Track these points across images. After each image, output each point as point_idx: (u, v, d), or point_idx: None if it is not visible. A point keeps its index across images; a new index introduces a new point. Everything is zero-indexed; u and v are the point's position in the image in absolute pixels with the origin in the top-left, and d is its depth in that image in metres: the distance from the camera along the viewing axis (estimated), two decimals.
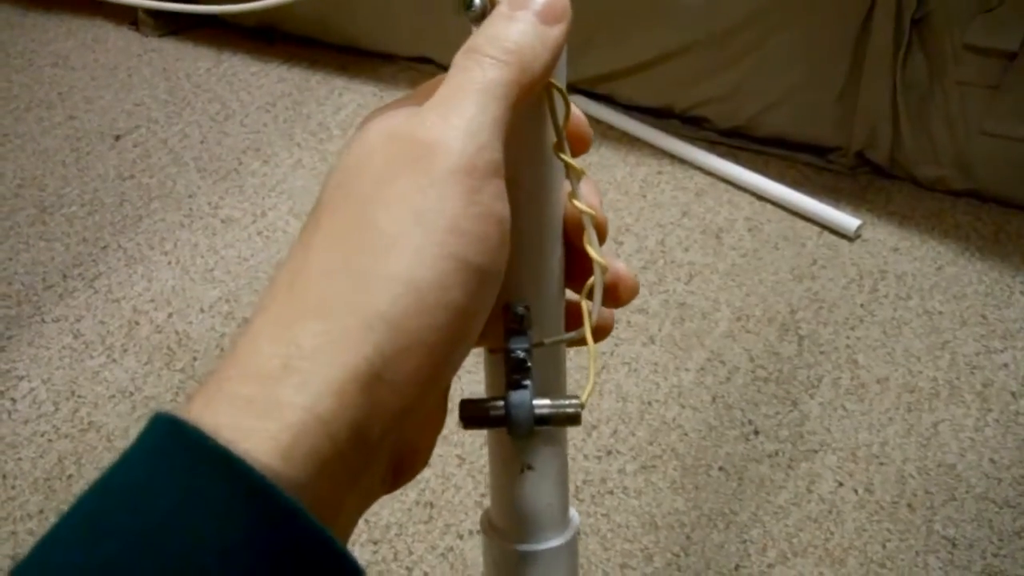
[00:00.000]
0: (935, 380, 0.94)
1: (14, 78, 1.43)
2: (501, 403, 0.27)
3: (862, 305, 1.02)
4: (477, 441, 0.86)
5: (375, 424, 0.21)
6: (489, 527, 0.30)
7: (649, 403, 0.90)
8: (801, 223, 1.12)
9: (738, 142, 1.22)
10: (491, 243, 0.22)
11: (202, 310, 1.03)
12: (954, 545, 0.80)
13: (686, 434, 0.88)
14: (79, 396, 0.93)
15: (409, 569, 0.75)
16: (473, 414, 0.28)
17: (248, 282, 1.06)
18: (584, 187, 0.27)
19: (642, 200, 1.16)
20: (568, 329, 0.30)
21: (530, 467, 0.29)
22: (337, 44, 1.44)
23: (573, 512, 0.31)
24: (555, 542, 0.29)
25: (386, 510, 0.79)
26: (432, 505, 0.80)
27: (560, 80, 0.26)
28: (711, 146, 1.22)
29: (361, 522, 0.78)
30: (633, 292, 0.29)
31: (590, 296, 0.28)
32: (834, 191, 1.16)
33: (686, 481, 0.84)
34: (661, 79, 1.21)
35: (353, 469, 0.21)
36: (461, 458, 0.85)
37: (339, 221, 0.22)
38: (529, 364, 0.27)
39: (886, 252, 1.08)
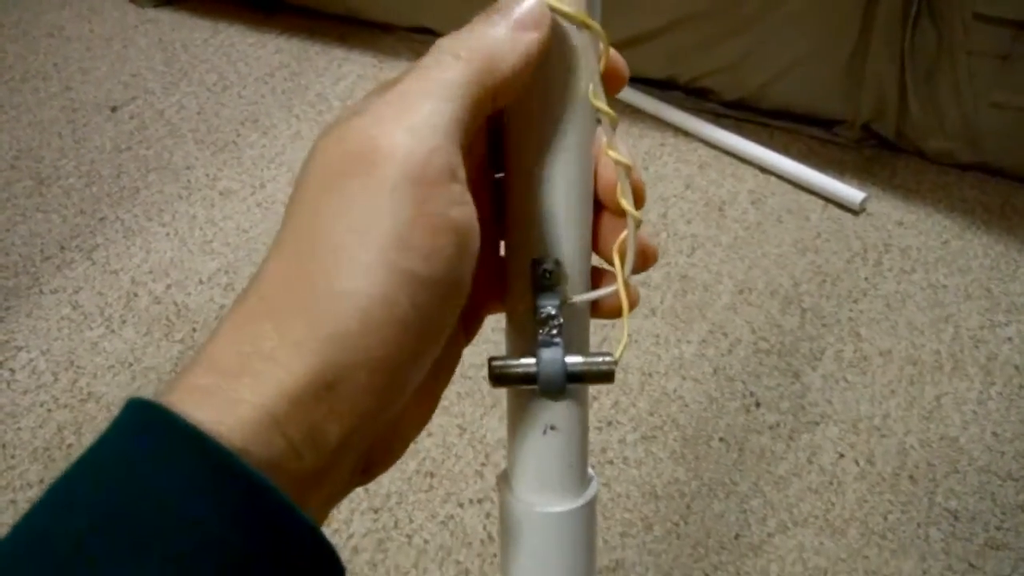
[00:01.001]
0: (938, 353, 0.94)
1: (9, 48, 1.43)
2: (532, 361, 0.27)
3: (866, 278, 1.02)
4: (477, 411, 0.87)
5: (331, 428, 0.21)
6: (508, 488, 0.30)
7: (650, 375, 0.91)
8: (805, 196, 1.12)
9: (742, 114, 1.22)
10: (444, 254, 0.22)
11: (201, 281, 1.03)
12: (956, 517, 0.80)
13: (687, 405, 0.88)
14: (78, 367, 0.94)
15: (409, 537, 0.76)
16: (502, 372, 0.27)
17: (247, 254, 1.07)
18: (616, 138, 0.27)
19: (645, 172, 1.16)
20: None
21: (553, 427, 0.28)
22: (336, 14, 1.43)
23: (592, 473, 0.31)
24: (577, 502, 0.29)
25: (386, 479, 0.80)
26: (432, 474, 0.81)
27: (595, 16, 0.25)
28: (715, 118, 1.22)
29: (361, 490, 0.79)
30: (654, 257, 0.29)
31: (621, 254, 0.28)
32: (839, 164, 1.16)
33: (686, 451, 0.84)
34: (665, 50, 1.21)
35: (314, 469, 0.21)
36: (462, 428, 0.85)
37: (293, 230, 0.22)
38: (561, 320, 0.27)
39: (891, 226, 1.09)
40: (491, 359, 0.28)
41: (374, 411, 0.22)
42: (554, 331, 0.27)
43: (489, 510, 0.78)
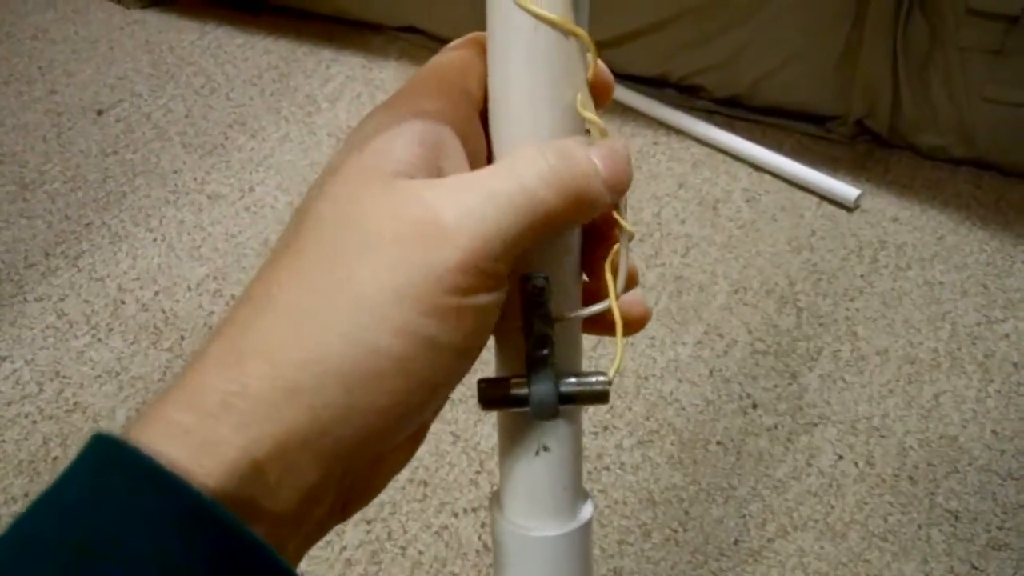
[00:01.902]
0: (936, 351, 0.92)
1: None
2: (523, 382, 0.26)
3: (861, 276, 1.00)
4: (471, 418, 0.84)
5: (311, 471, 0.20)
6: (500, 511, 0.28)
7: (646, 378, 0.89)
8: (799, 193, 1.10)
9: (735, 111, 1.20)
10: (469, 331, 0.21)
11: (189, 288, 1.01)
12: (957, 518, 0.79)
13: (683, 408, 0.86)
14: (64, 376, 0.91)
15: (403, 548, 0.74)
16: (493, 395, 0.26)
17: (236, 259, 1.04)
18: None
19: (638, 172, 1.14)
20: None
21: (546, 448, 0.27)
22: (324, 15, 1.40)
23: (587, 491, 0.30)
24: (571, 525, 0.28)
25: None
26: (426, 483, 0.79)
27: (582, 25, 0.24)
28: (708, 116, 1.20)
29: None
30: (636, 279, 0.28)
31: (613, 269, 0.26)
32: (833, 160, 1.14)
33: (684, 456, 0.82)
34: (657, 47, 1.19)
35: (291, 511, 0.20)
36: (455, 435, 0.83)
37: (317, 264, 0.21)
38: (552, 339, 0.26)
39: (886, 222, 1.07)
40: (480, 381, 0.26)
41: (361, 455, 0.21)
42: (545, 351, 0.26)
43: (484, 519, 0.76)
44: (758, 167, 1.13)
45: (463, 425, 0.84)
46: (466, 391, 0.86)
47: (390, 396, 0.20)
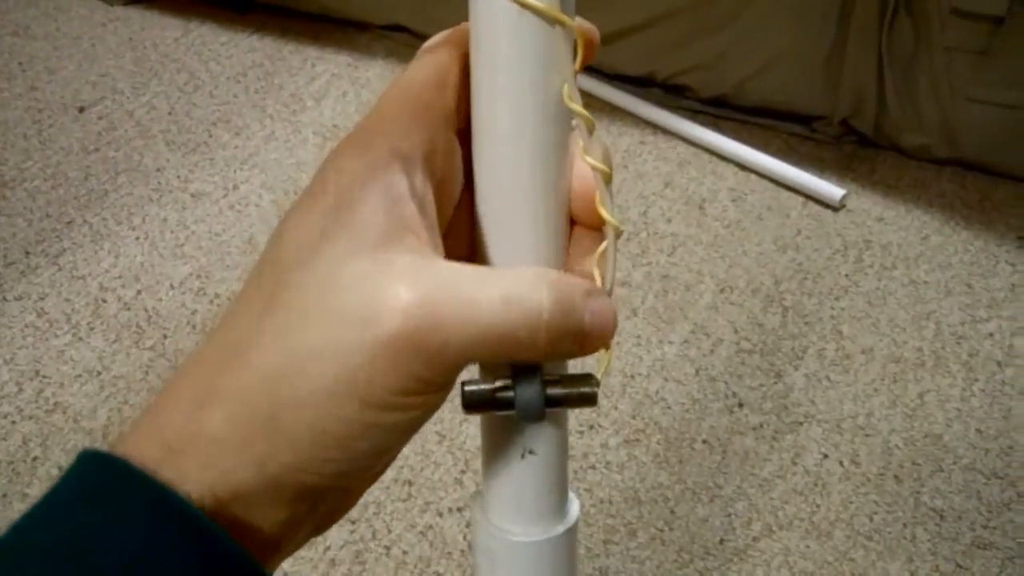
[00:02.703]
0: (920, 350, 0.93)
1: None
2: (509, 385, 0.25)
3: (847, 275, 1.01)
4: (457, 418, 0.84)
5: (282, 513, 0.21)
6: (483, 514, 0.28)
7: (632, 376, 0.89)
8: (785, 193, 1.11)
9: (721, 111, 1.20)
10: (416, 417, 0.22)
11: (172, 287, 1.00)
12: (942, 517, 0.79)
13: (669, 407, 0.86)
14: (44, 376, 0.90)
15: (387, 548, 0.74)
16: (477, 400, 0.25)
17: (219, 258, 1.03)
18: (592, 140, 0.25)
19: (624, 171, 1.14)
20: None
21: (532, 452, 0.26)
22: (309, 13, 1.40)
23: (572, 496, 0.29)
24: (557, 529, 0.27)
25: None
26: (411, 483, 0.78)
27: (568, 10, 0.23)
28: (694, 115, 1.20)
29: None
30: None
31: (601, 267, 0.25)
32: (818, 161, 1.15)
33: (669, 455, 0.82)
34: (643, 46, 1.19)
35: (263, 539, 0.21)
36: (441, 435, 0.83)
37: (287, 332, 0.21)
38: None
39: (871, 222, 1.07)
40: (464, 383, 0.25)
41: (323, 495, 0.22)
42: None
43: (469, 519, 0.76)
44: (744, 167, 1.14)
45: (448, 425, 0.84)
46: (452, 392, 0.86)
47: (335, 465, 0.21)
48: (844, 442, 0.84)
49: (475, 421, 0.83)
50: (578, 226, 0.26)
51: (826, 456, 0.83)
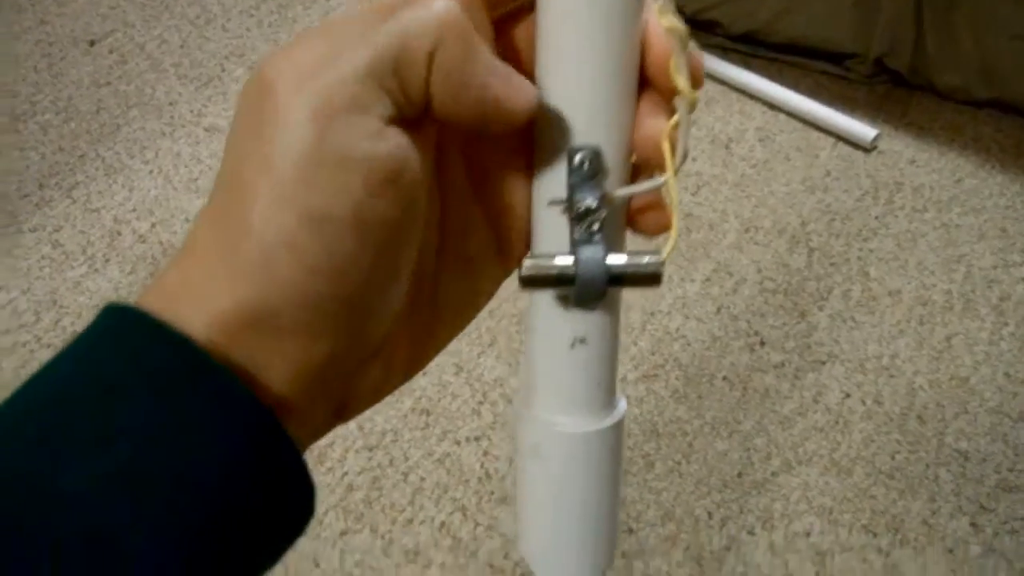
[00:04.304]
0: (949, 293, 0.94)
1: None
2: (570, 260, 0.24)
3: (876, 217, 1.01)
4: (475, 350, 0.87)
5: (276, 365, 0.21)
6: (527, 408, 0.27)
7: (652, 313, 0.91)
8: (815, 133, 1.11)
9: (751, 48, 1.20)
10: (352, 192, 0.20)
11: (187, 220, 1.02)
12: (966, 458, 0.81)
13: (689, 344, 0.88)
14: (61, 306, 0.93)
15: (405, 475, 0.77)
16: (536, 273, 0.24)
17: None
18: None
19: None
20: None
21: (583, 341, 0.26)
22: None
23: (619, 394, 0.28)
24: (606, 422, 0.27)
25: (380, 416, 0.80)
26: (428, 412, 0.81)
27: None
28: (723, 52, 1.20)
29: (355, 428, 0.79)
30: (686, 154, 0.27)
31: (672, 141, 0.24)
32: (850, 100, 1.15)
33: (688, 390, 0.85)
34: None
35: (273, 397, 0.21)
36: (458, 367, 0.86)
37: (222, 167, 0.22)
38: (603, 214, 0.24)
39: (903, 164, 1.08)
40: (525, 259, 0.25)
41: (324, 352, 0.22)
42: (595, 226, 0.24)
43: (487, 448, 0.79)
44: (773, 106, 1.14)
45: (466, 356, 0.86)
46: (469, 325, 0.88)
47: (296, 289, 0.21)
48: (867, 382, 0.86)
49: (492, 354, 0.86)
50: (646, 94, 0.25)
51: (848, 395, 0.85)
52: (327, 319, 0.21)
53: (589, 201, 0.24)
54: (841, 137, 1.10)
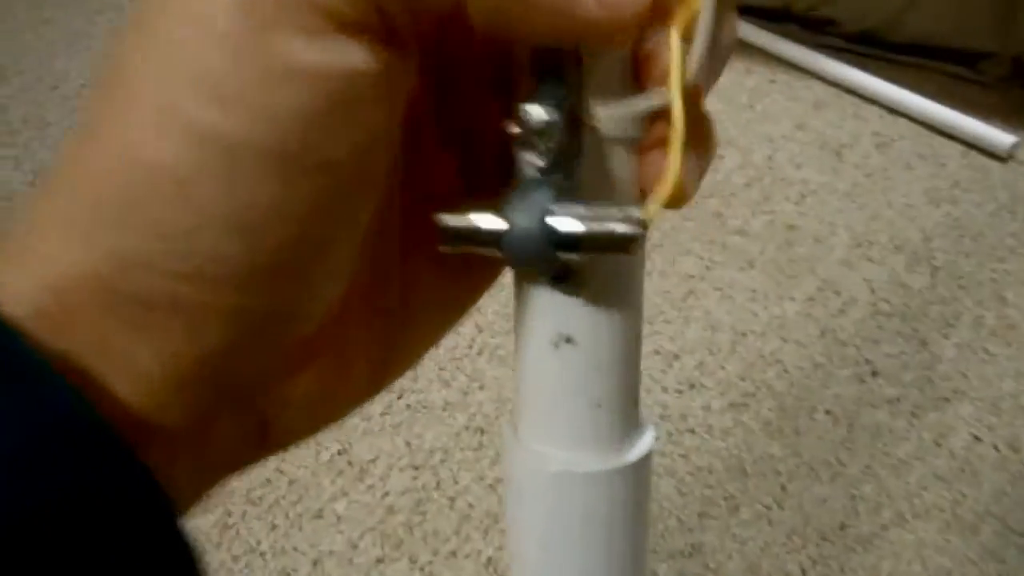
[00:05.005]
0: None
1: None
2: (500, 205, 0.17)
3: (1013, 235, 0.90)
4: None
5: (140, 351, 0.15)
6: (512, 433, 0.20)
7: (743, 334, 0.81)
8: (941, 140, 1.00)
9: (868, 49, 1.10)
10: (281, 113, 0.14)
11: None
12: None
13: (786, 371, 0.78)
14: None
15: (452, 499, 0.69)
16: (457, 225, 0.17)
17: None
18: None
19: (750, 111, 1.05)
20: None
21: (568, 340, 0.19)
22: None
23: (645, 420, 0.21)
24: (609, 462, 0.19)
25: (430, 432, 0.73)
26: (483, 431, 0.74)
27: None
28: (835, 53, 1.10)
29: (401, 445, 0.72)
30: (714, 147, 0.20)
31: (686, 33, 0.18)
32: (982, 105, 1.03)
33: (784, 424, 0.74)
34: None
35: (137, 409, 0.15)
36: None
37: (102, 73, 0.16)
38: (557, 135, 0.17)
39: None
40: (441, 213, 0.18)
41: (218, 341, 0.15)
42: (540, 154, 0.17)
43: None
44: (892, 109, 1.03)
45: None
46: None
47: (181, 242, 0.15)
48: (1001, 424, 0.74)
49: None
50: None
51: (978, 439, 0.73)
52: (225, 291, 0.15)
53: (540, 111, 0.17)
54: (973, 145, 0.99)
